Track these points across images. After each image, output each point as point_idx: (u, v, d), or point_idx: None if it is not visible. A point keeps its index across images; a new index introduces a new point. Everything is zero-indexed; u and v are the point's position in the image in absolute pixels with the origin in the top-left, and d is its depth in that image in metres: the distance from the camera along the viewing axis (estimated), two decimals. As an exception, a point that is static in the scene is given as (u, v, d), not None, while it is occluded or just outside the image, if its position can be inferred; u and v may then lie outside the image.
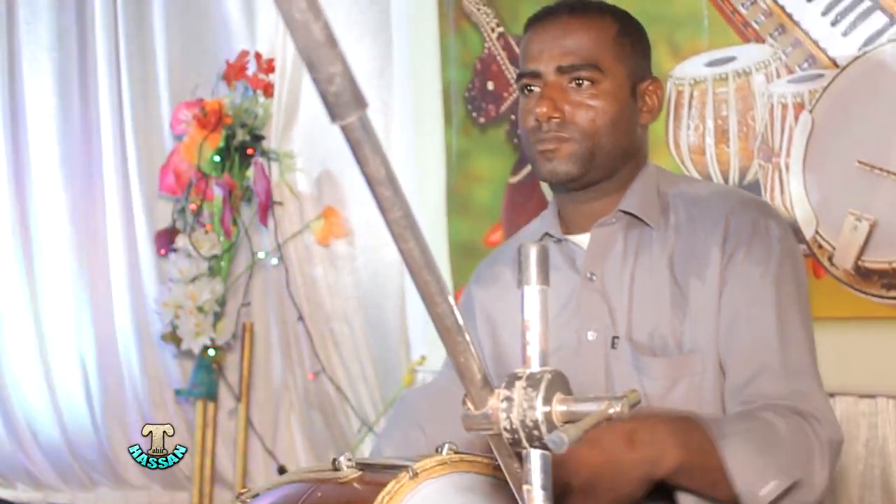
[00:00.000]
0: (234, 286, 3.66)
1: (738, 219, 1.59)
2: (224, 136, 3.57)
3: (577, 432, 0.72)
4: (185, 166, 3.61)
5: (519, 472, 0.82)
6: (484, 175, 3.14)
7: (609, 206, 1.66)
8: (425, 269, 0.74)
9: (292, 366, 3.68)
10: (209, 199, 3.59)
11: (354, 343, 3.55)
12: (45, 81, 3.92)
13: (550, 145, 1.60)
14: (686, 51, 2.63)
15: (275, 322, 3.70)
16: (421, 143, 3.29)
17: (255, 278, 3.72)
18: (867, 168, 2.31)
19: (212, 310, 3.52)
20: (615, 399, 0.76)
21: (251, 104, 3.63)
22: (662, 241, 1.61)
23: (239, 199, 3.63)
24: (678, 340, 1.56)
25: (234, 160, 3.59)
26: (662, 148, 2.63)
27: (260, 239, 3.70)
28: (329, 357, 3.58)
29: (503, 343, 1.76)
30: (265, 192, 3.52)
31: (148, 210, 3.82)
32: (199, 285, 3.49)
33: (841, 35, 2.38)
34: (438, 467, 1.14)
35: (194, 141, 3.58)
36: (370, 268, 3.55)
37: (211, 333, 3.51)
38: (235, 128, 3.59)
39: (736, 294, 1.54)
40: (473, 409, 0.80)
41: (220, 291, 3.54)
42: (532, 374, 0.79)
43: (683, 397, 1.55)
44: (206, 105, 3.59)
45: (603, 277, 1.63)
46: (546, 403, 0.78)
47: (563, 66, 1.60)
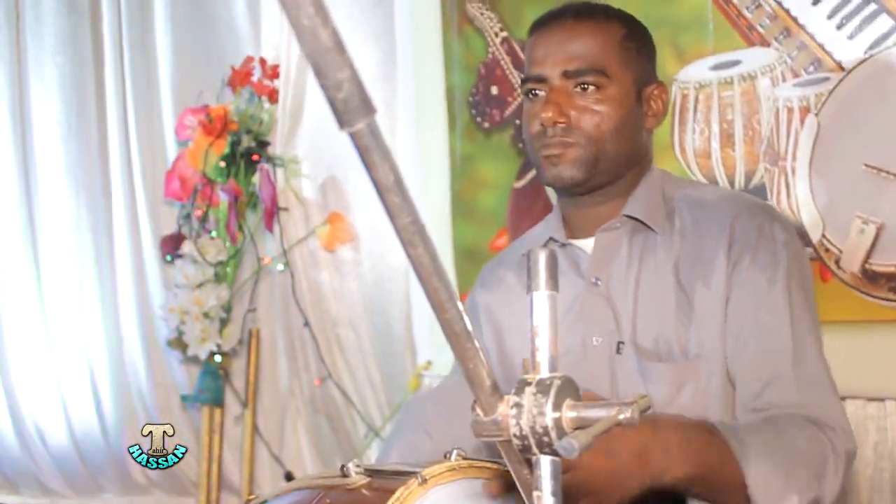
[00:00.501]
0: (239, 292, 3.66)
1: (743, 224, 1.58)
2: (229, 143, 3.58)
3: (588, 438, 0.72)
4: (190, 172, 3.61)
5: (529, 478, 0.82)
6: (488, 180, 3.14)
7: (614, 210, 1.65)
8: (434, 276, 0.74)
9: (298, 371, 3.67)
10: (215, 205, 3.59)
11: (360, 348, 3.55)
12: (51, 87, 3.93)
13: (555, 150, 1.60)
14: (691, 54, 2.62)
15: (281, 328, 3.69)
16: (425, 148, 3.28)
17: (261, 284, 3.72)
18: (874, 171, 2.30)
19: (218, 316, 3.52)
20: (625, 405, 0.76)
21: (256, 110, 3.64)
22: (667, 246, 1.61)
23: (244, 205, 3.63)
24: (683, 346, 1.55)
25: (240, 166, 3.59)
26: (668, 152, 2.63)
27: (265, 245, 3.70)
28: (335, 362, 3.57)
29: (508, 347, 1.76)
30: (271, 197, 3.52)
31: (153, 216, 3.82)
32: (204, 291, 3.50)
33: (847, 38, 2.37)
34: (447, 473, 1.14)
35: (199, 147, 3.58)
36: (376, 273, 3.54)
37: (217, 339, 3.51)
38: (241, 134, 3.59)
39: (743, 301, 1.54)
40: (483, 415, 0.80)
41: (225, 297, 3.54)
42: (542, 380, 0.79)
43: (689, 403, 1.54)
44: (212, 111, 3.59)
45: (608, 282, 1.63)
46: (556, 409, 0.78)
47: (568, 71, 1.60)
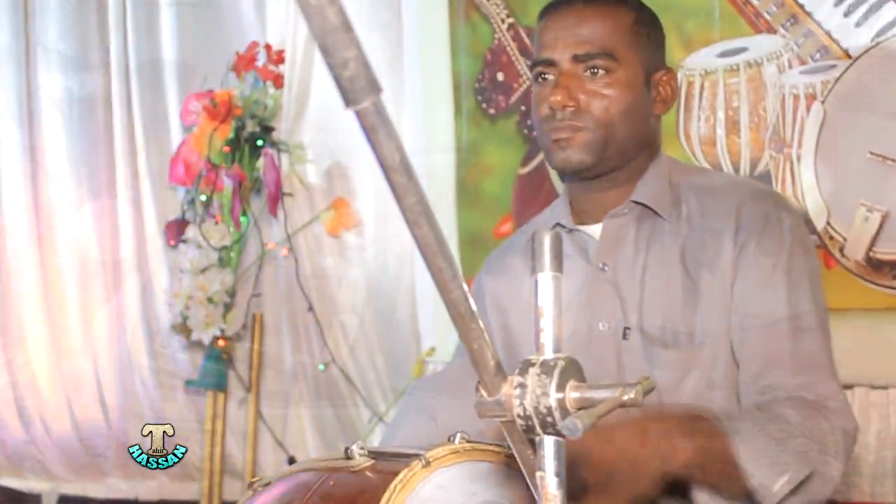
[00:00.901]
0: (243, 277, 3.67)
1: (749, 210, 1.58)
2: (234, 128, 3.57)
3: (591, 418, 0.72)
4: (194, 157, 3.61)
5: (532, 459, 0.82)
6: (494, 166, 3.14)
7: (621, 196, 1.65)
8: (439, 256, 0.74)
9: (302, 356, 3.68)
10: (219, 191, 3.59)
11: (364, 334, 3.55)
12: (56, 73, 3.92)
13: (564, 134, 1.60)
14: (697, 41, 2.62)
15: (285, 313, 3.70)
16: (431, 134, 3.28)
17: (265, 269, 3.72)
18: (879, 159, 2.30)
19: (222, 301, 3.52)
20: (629, 386, 0.76)
21: (261, 95, 3.63)
22: (674, 232, 1.61)
23: (249, 189, 3.63)
24: (689, 332, 1.56)
25: (244, 151, 3.59)
26: (673, 139, 2.63)
27: (270, 230, 3.70)
28: (339, 348, 3.58)
29: (514, 333, 1.75)
30: (275, 183, 3.52)
31: (158, 201, 3.82)
32: (209, 276, 3.50)
33: (854, 26, 2.37)
34: (451, 456, 1.15)
35: (204, 132, 3.58)
36: (380, 259, 3.55)
37: (221, 324, 3.52)
38: (245, 119, 3.59)
39: (748, 286, 1.54)
40: (486, 395, 0.80)
41: (230, 282, 3.55)
42: (546, 361, 0.79)
43: (694, 389, 1.54)
44: (216, 96, 3.59)
45: (615, 268, 1.63)
46: (559, 390, 0.78)
47: (578, 55, 1.59)
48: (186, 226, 3.61)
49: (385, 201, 3.43)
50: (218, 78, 3.68)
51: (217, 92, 3.60)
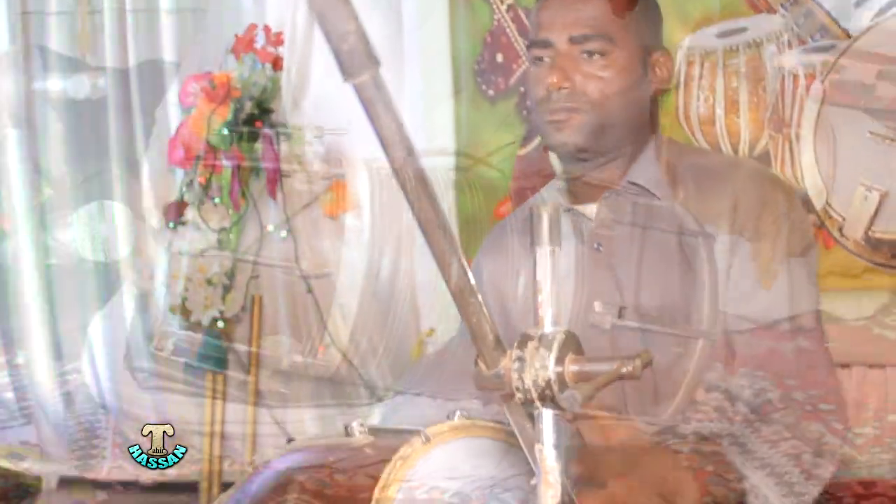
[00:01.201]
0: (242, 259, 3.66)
1: (747, 192, 1.58)
2: (232, 110, 3.56)
3: (590, 390, 0.72)
4: (193, 139, 3.60)
5: (531, 432, 0.82)
6: (493, 147, 3.13)
7: (617, 177, 1.65)
8: (439, 230, 0.74)
9: (301, 338, 3.68)
10: (218, 172, 3.58)
11: (363, 315, 3.55)
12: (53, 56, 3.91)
13: (561, 115, 1.60)
14: (697, 21, 2.61)
15: (283, 295, 3.70)
16: (430, 116, 3.28)
17: (264, 251, 3.71)
18: (878, 139, 2.30)
19: (221, 282, 3.52)
20: (627, 359, 0.76)
21: (259, 77, 3.62)
22: (671, 213, 1.61)
23: (247, 172, 3.62)
24: (685, 313, 1.56)
25: (243, 133, 3.59)
26: (672, 119, 2.62)
27: (268, 212, 3.69)
28: (338, 330, 3.58)
29: (512, 313, 1.75)
30: (274, 165, 3.52)
31: (156, 183, 3.82)
32: (208, 258, 3.50)
33: (853, 6, 2.37)
34: (450, 432, 1.15)
35: (202, 114, 3.57)
36: (379, 240, 3.54)
37: (220, 306, 3.52)
38: (244, 101, 3.58)
39: (744, 269, 1.54)
40: (485, 369, 0.80)
41: (228, 264, 3.54)
42: (544, 335, 0.79)
43: (690, 370, 1.54)
44: (215, 78, 3.58)
45: (610, 248, 1.63)
46: (558, 363, 0.78)
47: (575, 37, 1.59)
48: (185, 208, 3.61)
49: (384, 184, 3.43)
50: (216, 60, 3.67)
51: (216, 74, 3.59)
